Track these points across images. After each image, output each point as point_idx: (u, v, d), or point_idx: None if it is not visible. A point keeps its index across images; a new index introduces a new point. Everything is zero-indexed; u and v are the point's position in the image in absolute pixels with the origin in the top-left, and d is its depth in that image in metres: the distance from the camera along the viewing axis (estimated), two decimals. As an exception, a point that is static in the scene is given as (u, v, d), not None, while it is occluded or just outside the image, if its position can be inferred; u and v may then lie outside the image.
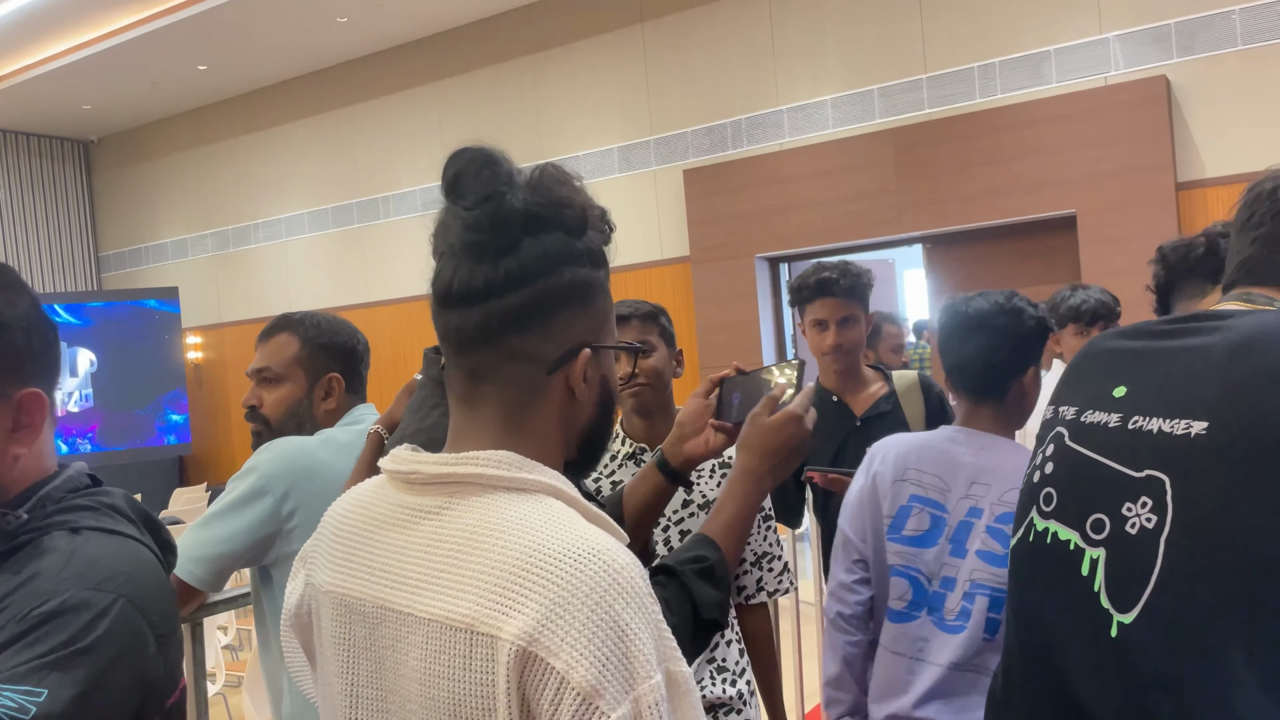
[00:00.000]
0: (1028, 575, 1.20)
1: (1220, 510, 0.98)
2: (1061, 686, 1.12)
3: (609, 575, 0.78)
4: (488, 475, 0.85)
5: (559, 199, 0.90)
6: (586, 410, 0.93)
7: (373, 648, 0.87)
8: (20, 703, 0.84)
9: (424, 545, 0.85)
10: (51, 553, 0.95)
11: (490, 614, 0.78)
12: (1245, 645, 0.96)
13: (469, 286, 0.88)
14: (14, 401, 0.99)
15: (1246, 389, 0.99)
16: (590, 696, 0.74)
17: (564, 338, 0.90)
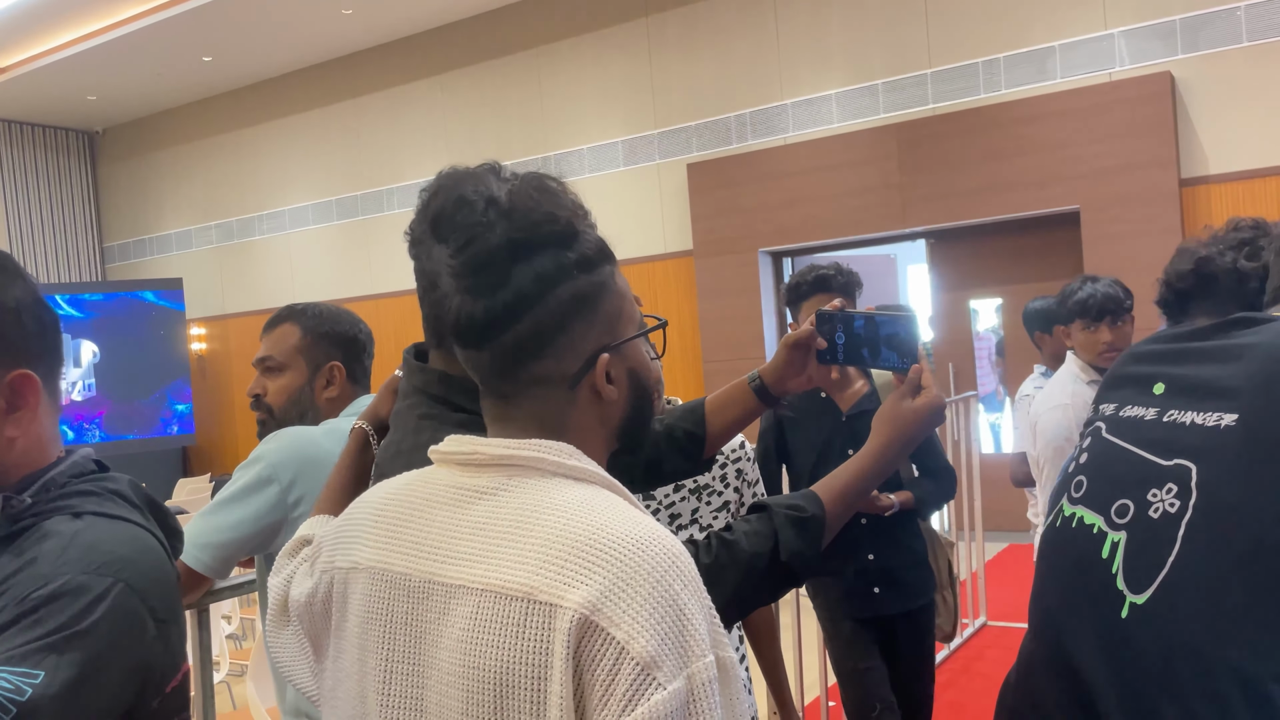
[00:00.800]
0: (1052, 559, 1.24)
1: (1242, 495, 1.02)
2: (1069, 667, 1.14)
3: (669, 559, 0.81)
4: (549, 461, 0.88)
5: (538, 219, 0.90)
6: (619, 407, 0.95)
7: (414, 621, 0.88)
8: (16, 684, 0.85)
9: (479, 522, 0.87)
10: (52, 537, 0.96)
11: (551, 584, 0.80)
12: (1255, 624, 0.98)
13: (472, 324, 0.90)
14: (5, 383, 1.00)
15: (1274, 384, 1.03)
16: (649, 667, 0.76)
17: (578, 351, 0.91)
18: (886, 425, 1.22)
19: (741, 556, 1.11)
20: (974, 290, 6.81)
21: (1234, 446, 1.04)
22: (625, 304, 0.95)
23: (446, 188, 0.96)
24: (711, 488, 2.02)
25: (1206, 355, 1.14)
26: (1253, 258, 1.56)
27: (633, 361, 0.96)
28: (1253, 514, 1.00)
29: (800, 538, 1.13)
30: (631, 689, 0.76)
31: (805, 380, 1.37)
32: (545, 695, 0.78)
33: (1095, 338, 2.83)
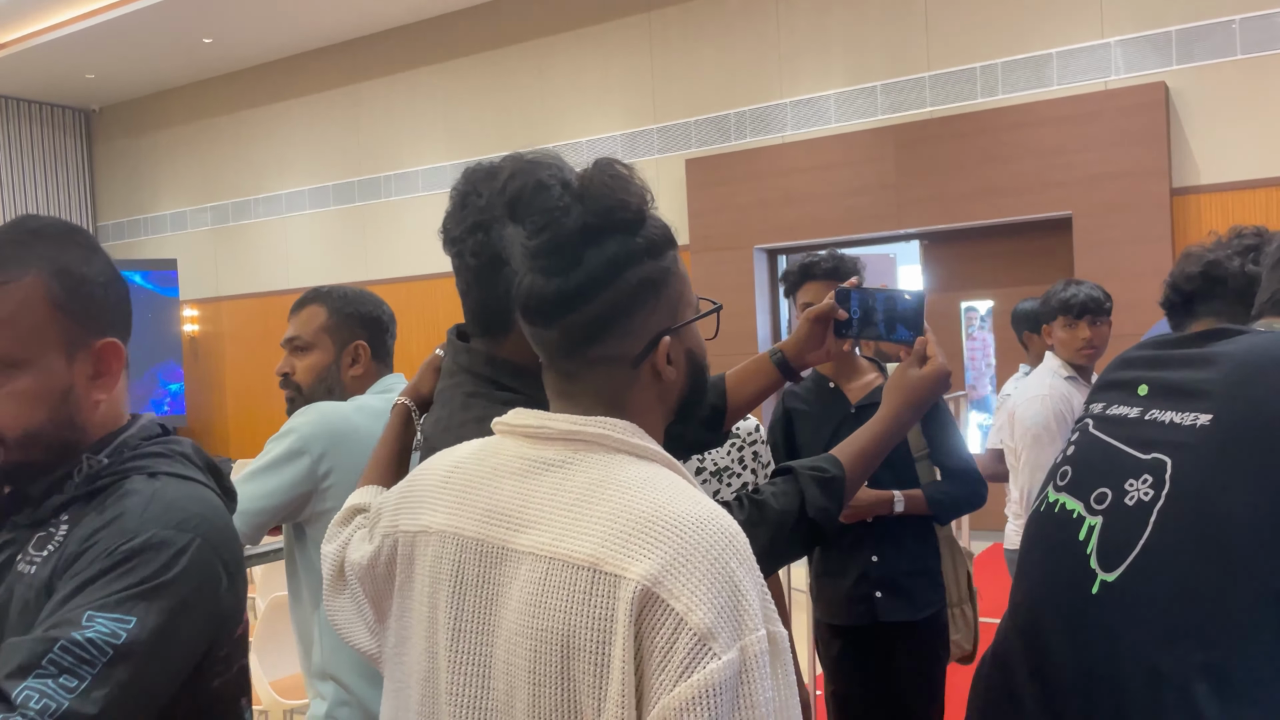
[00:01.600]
0: (1035, 540, 1.34)
1: (1209, 486, 1.12)
2: (1039, 640, 1.26)
3: (726, 538, 0.86)
4: (614, 438, 0.93)
5: (611, 205, 0.95)
6: (677, 387, 1.00)
7: (483, 583, 0.94)
8: (113, 628, 0.93)
9: (548, 493, 0.93)
10: (134, 495, 1.03)
11: (616, 556, 0.85)
12: (1210, 609, 1.09)
13: (543, 303, 0.95)
14: (94, 350, 1.07)
15: (1247, 390, 1.14)
16: (705, 638, 0.81)
17: (642, 333, 0.96)
18: (896, 393, 1.33)
19: (771, 515, 1.19)
20: (966, 292, 6.91)
21: (1207, 444, 1.14)
22: (686, 288, 1.01)
23: (524, 171, 1.01)
24: (731, 470, 2.10)
25: (1187, 361, 1.24)
26: (1259, 263, 1.66)
27: (691, 343, 1.02)
28: (1222, 506, 1.10)
29: (824, 495, 1.23)
30: (688, 658, 0.81)
31: (824, 354, 1.48)
32: (609, 659, 0.84)
33: (1075, 334, 3.08)
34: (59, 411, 1.05)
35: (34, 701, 0.89)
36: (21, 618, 1.00)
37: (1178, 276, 1.76)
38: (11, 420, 1.03)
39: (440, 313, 8.22)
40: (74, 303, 1.05)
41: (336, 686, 1.76)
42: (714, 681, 0.81)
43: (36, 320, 1.03)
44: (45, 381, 1.04)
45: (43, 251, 1.05)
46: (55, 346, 1.04)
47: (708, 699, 0.80)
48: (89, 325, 1.07)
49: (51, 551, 1.02)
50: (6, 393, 1.02)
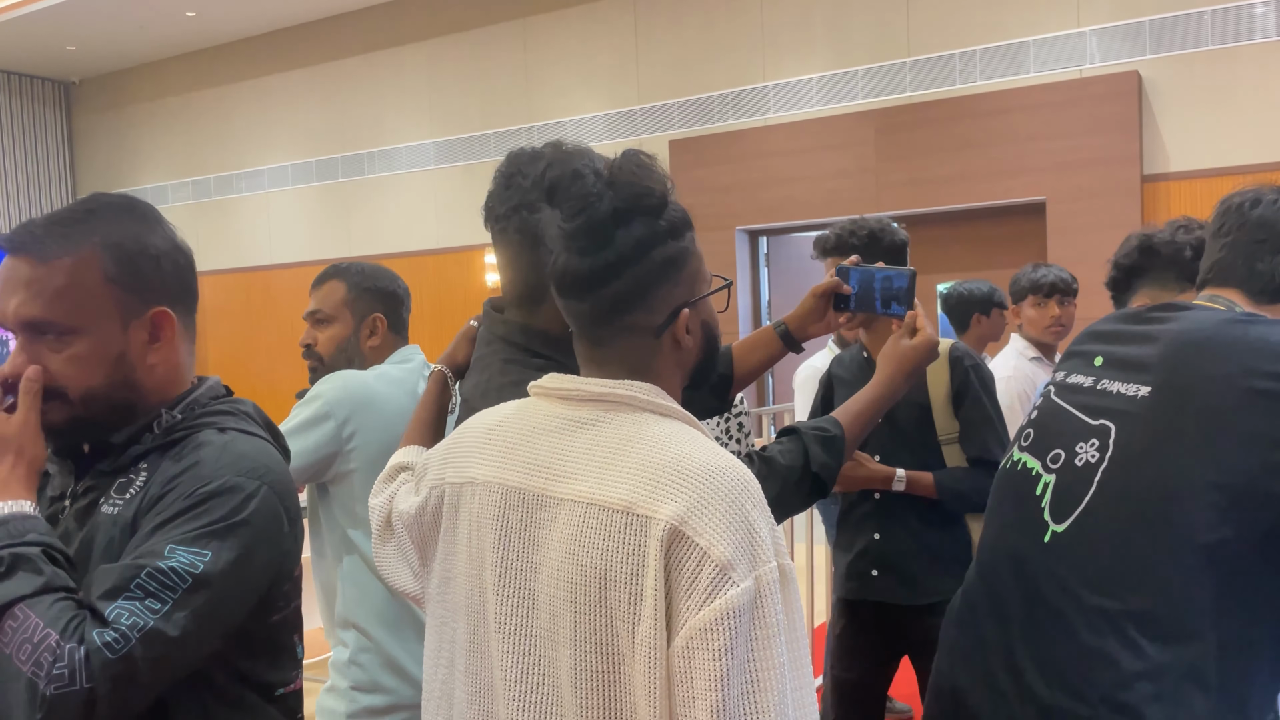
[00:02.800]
0: (999, 493, 1.51)
1: (1146, 451, 1.28)
2: (997, 582, 1.43)
3: (741, 484, 1.00)
4: (640, 399, 1.07)
5: (638, 192, 1.08)
6: (694, 351, 1.14)
7: (527, 527, 1.06)
8: (191, 560, 1.06)
9: (584, 447, 1.06)
10: (207, 446, 1.15)
11: (647, 500, 0.98)
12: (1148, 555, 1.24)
13: (576, 279, 1.08)
14: (148, 318, 1.19)
15: (1181, 365, 1.29)
16: (725, 569, 0.94)
17: (664, 306, 1.09)
18: (888, 361, 1.49)
19: (779, 469, 1.34)
20: (941, 275, 7.06)
21: (1146, 413, 1.29)
22: (702, 265, 1.14)
23: (561, 160, 1.13)
24: (720, 440, 2.21)
25: (1136, 337, 1.39)
26: (1189, 233, 1.85)
27: (705, 314, 1.15)
28: (1157, 470, 1.26)
29: (826, 452, 1.38)
30: (711, 585, 0.94)
31: (825, 326, 1.63)
32: (641, 589, 0.97)
33: (1045, 312, 3.27)
34: (115, 373, 1.17)
35: (124, 619, 1.01)
36: (106, 553, 1.12)
37: (1119, 255, 1.95)
38: (73, 380, 1.15)
39: (423, 289, 8.29)
40: (126, 275, 1.17)
41: (358, 634, 1.88)
42: (734, 605, 0.93)
43: (90, 292, 1.15)
44: (101, 346, 1.16)
45: (98, 228, 1.17)
46: (109, 315, 1.16)
47: (728, 620, 0.93)
48: (143, 295, 1.19)
49: (134, 495, 1.14)
50: (67, 356, 1.15)
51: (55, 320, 1.14)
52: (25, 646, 0.99)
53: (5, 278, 1.15)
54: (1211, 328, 1.30)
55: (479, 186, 3.65)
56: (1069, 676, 1.26)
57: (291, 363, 8.49)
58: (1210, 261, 1.48)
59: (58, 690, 0.97)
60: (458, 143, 8.51)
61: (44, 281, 1.14)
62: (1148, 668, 1.21)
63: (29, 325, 1.14)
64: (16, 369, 1.14)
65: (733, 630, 0.93)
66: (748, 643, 0.94)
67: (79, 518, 1.18)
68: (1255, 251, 1.42)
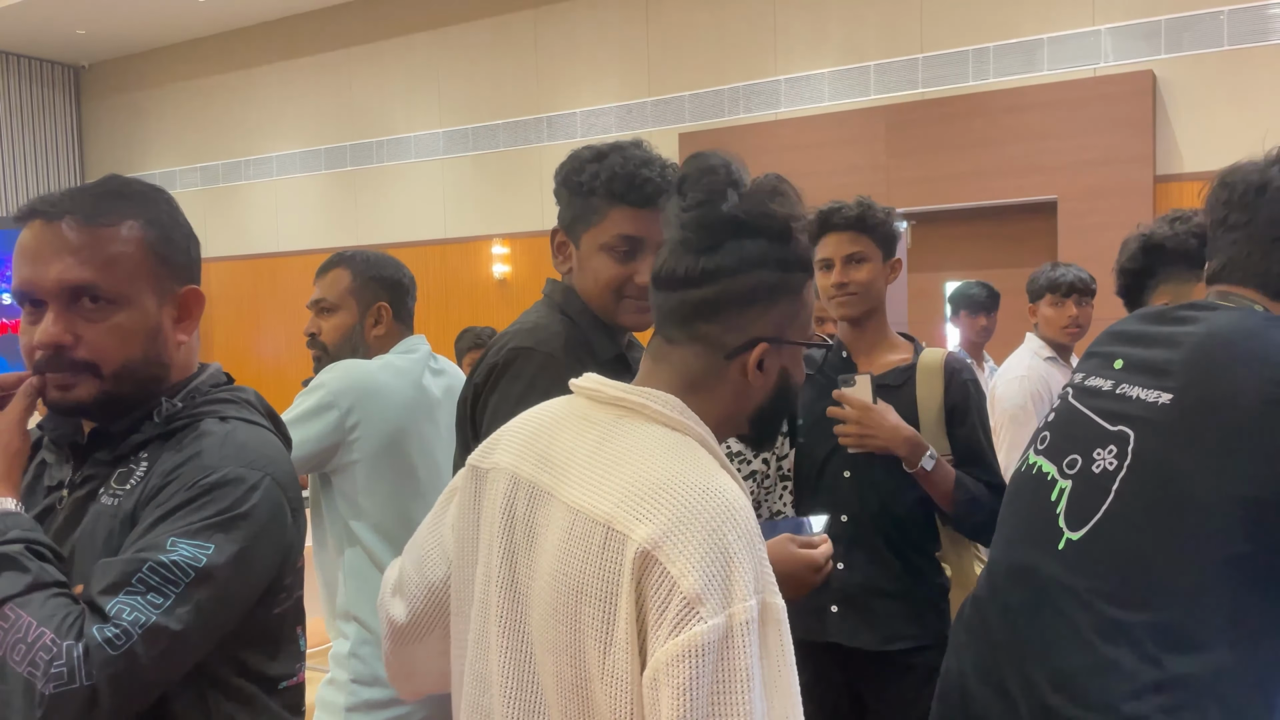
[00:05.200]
0: (1014, 497, 1.47)
1: (1167, 460, 1.24)
2: (1011, 586, 1.40)
3: (727, 510, 0.94)
4: (652, 409, 1.03)
5: (765, 211, 1.05)
6: (759, 395, 1.08)
7: (530, 522, 1.04)
8: (194, 553, 1.04)
9: (589, 451, 1.02)
10: (209, 435, 1.13)
11: (626, 517, 0.94)
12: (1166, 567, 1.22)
13: (674, 274, 1.06)
14: (179, 296, 1.19)
15: (1202, 372, 1.25)
16: (694, 602, 0.88)
17: (746, 330, 1.05)
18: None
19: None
20: (951, 272, 7.02)
21: (1167, 421, 1.26)
22: (803, 313, 1.09)
23: (699, 157, 1.11)
24: (743, 455, 2.04)
25: (1158, 339, 1.35)
26: (1186, 223, 1.82)
27: (789, 362, 1.10)
28: (1176, 480, 1.23)
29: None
30: (677, 618, 0.88)
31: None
32: (615, 609, 0.92)
33: (1062, 312, 3.22)
34: (150, 348, 1.16)
35: (126, 614, 0.99)
36: (106, 545, 1.10)
37: (1122, 261, 1.92)
38: (112, 352, 1.13)
39: (430, 278, 8.28)
40: (164, 250, 1.17)
41: (359, 627, 1.86)
42: (698, 643, 0.87)
43: (135, 262, 1.15)
44: (140, 319, 1.15)
45: (136, 202, 1.17)
46: (149, 288, 1.16)
47: (691, 658, 0.87)
48: (175, 272, 1.19)
49: (134, 485, 1.12)
50: (108, 326, 1.13)
51: (102, 286, 1.12)
52: (19, 647, 0.97)
53: (42, 242, 1.12)
54: (1237, 333, 1.27)
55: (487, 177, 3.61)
56: (1081, 686, 1.24)
57: (298, 351, 8.48)
58: (1223, 258, 1.40)
59: (57, 689, 0.95)
60: (467, 133, 8.48)
61: (94, 247, 1.12)
62: (1162, 679, 1.19)
63: (75, 290, 1.11)
64: (52, 337, 1.11)
65: (695, 669, 0.87)
66: (711, 684, 0.87)
67: (77, 508, 1.15)
68: (1272, 250, 1.35)
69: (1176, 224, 1.92)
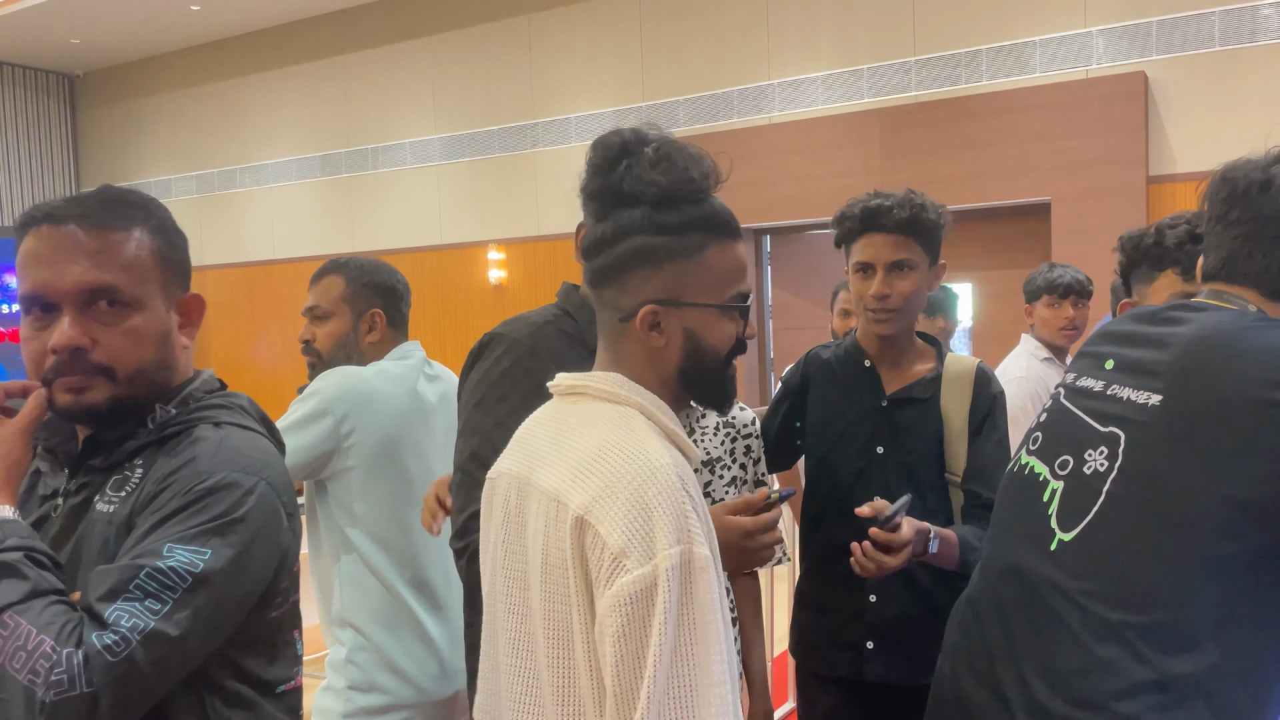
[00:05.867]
0: (1007, 497, 1.48)
1: (1157, 461, 1.25)
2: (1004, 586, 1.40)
3: (649, 470, 1.00)
4: (594, 388, 1.12)
5: (642, 178, 1.11)
6: (671, 357, 1.12)
7: (520, 514, 1.11)
8: (191, 559, 1.05)
9: (552, 437, 1.11)
10: (203, 441, 1.14)
11: (567, 488, 1.03)
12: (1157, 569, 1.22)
13: (584, 247, 1.15)
14: (183, 301, 1.22)
15: (1192, 373, 1.25)
16: (619, 556, 0.97)
17: (636, 293, 1.11)
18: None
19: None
20: (946, 275, 7.03)
21: (1156, 423, 1.26)
22: (707, 275, 1.12)
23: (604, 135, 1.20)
24: (723, 461, 1.94)
25: (1148, 340, 1.35)
26: (1174, 226, 1.86)
27: (693, 323, 1.12)
28: (1166, 482, 1.23)
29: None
30: (607, 572, 0.97)
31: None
32: (569, 574, 1.01)
33: (1059, 313, 3.22)
34: (161, 351, 1.18)
35: (124, 621, 1.00)
36: (102, 552, 1.11)
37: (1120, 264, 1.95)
38: (128, 355, 1.15)
39: (426, 285, 8.28)
40: (171, 255, 1.20)
41: (355, 633, 1.87)
42: (626, 593, 0.96)
43: (148, 266, 1.17)
44: (153, 323, 1.17)
45: (140, 209, 1.19)
46: (159, 292, 1.19)
47: (621, 606, 0.96)
48: (179, 278, 1.22)
49: (129, 492, 1.12)
50: (124, 329, 1.15)
51: (122, 289, 1.14)
52: (19, 654, 0.97)
53: (56, 246, 1.13)
54: (1227, 333, 1.26)
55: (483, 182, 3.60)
56: (1074, 686, 1.25)
57: (294, 358, 8.48)
58: (1221, 254, 1.38)
59: (57, 696, 0.95)
60: (462, 139, 8.49)
61: (110, 251, 1.14)
62: (1153, 678, 1.19)
63: (93, 292, 1.13)
64: (72, 339, 1.12)
65: (625, 616, 0.95)
66: (641, 629, 0.95)
67: (72, 516, 1.16)
68: (1272, 249, 1.33)
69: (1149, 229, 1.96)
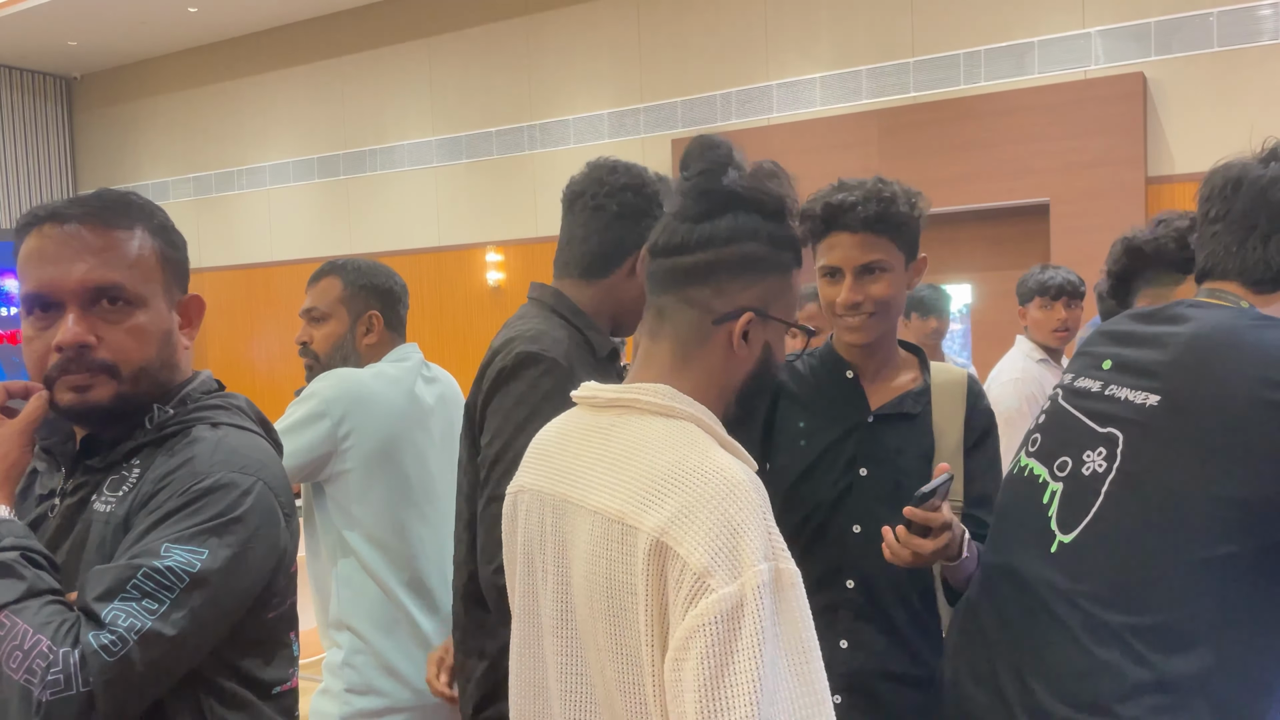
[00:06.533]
0: (1007, 499, 1.47)
1: (1155, 462, 1.25)
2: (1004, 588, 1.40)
3: (728, 487, 0.97)
4: (644, 401, 1.07)
5: (762, 188, 1.10)
6: (745, 366, 1.11)
7: (558, 534, 1.08)
8: (188, 559, 1.04)
9: (597, 454, 1.07)
10: (200, 441, 1.14)
11: (636, 510, 0.98)
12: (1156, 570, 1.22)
13: (670, 242, 1.10)
14: (183, 302, 1.23)
15: (1188, 373, 1.25)
16: (703, 575, 0.92)
17: (734, 298, 1.09)
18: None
19: None
20: (944, 276, 7.03)
21: (1154, 423, 1.26)
22: (788, 295, 1.14)
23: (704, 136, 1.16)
24: None
25: (1145, 340, 1.35)
26: (1168, 226, 1.85)
27: (772, 337, 1.13)
28: (1165, 483, 1.23)
29: None
30: (690, 593, 0.93)
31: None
32: (637, 600, 0.96)
33: (1051, 315, 3.23)
34: (163, 350, 1.19)
35: (121, 621, 0.99)
36: (99, 551, 1.11)
37: (1109, 264, 1.94)
38: (132, 354, 1.15)
39: (424, 287, 8.27)
40: (172, 256, 1.21)
41: (352, 636, 1.86)
42: (712, 612, 0.91)
43: (151, 265, 1.18)
44: (157, 321, 1.18)
45: (141, 209, 1.20)
46: (161, 291, 1.19)
47: (707, 627, 0.91)
48: (179, 279, 1.23)
49: (127, 492, 1.12)
50: (128, 327, 1.15)
51: (126, 287, 1.14)
52: (16, 654, 0.97)
53: (60, 245, 1.13)
54: (1223, 333, 1.26)
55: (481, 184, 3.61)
56: (1074, 688, 1.24)
57: (292, 360, 8.47)
58: (1206, 253, 1.42)
59: (54, 696, 0.95)
60: (460, 140, 8.48)
61: (114, 249, 1.14)
62: (1153, 679, 1.19)
63: (98, 291, 1.13)
64: (77, 337, 1.12)
65: (710, 637, 0.91)
66: (729, 650, 0.91)
67: (69, 516, 1.16)
68: (1246, 239, 1.37)
69: (1159, 227, 1.94)
